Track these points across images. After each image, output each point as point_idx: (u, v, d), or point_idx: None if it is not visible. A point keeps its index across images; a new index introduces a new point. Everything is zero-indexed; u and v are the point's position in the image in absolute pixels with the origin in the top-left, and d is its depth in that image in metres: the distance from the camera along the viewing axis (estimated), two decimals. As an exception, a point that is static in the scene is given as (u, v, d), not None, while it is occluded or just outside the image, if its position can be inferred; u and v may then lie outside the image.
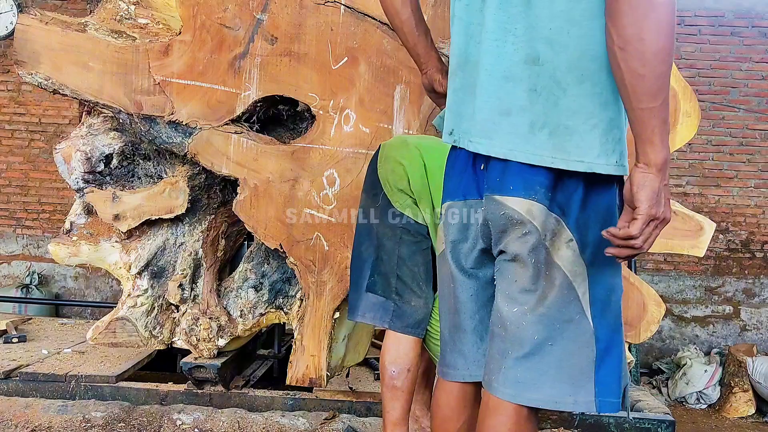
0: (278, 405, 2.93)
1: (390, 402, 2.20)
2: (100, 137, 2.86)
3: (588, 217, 1.31)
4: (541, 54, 1.25)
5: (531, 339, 1.33)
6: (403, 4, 1.56)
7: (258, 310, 2.89)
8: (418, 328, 2.20)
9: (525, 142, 1.28)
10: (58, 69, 2.67)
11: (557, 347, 1.32)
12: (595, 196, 1.30)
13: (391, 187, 2.21)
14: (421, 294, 2.20)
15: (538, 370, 1.33)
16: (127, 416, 2.75)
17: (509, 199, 1.31)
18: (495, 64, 1.30)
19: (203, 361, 2.87)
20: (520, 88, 1.27)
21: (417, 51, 1.62)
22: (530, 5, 1.25)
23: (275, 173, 2.72)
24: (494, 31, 1.30)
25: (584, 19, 1.21)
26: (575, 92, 1.24)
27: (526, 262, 1.32)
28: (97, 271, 5.84)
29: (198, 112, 2.69)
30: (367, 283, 2.23)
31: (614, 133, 1.26)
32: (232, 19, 2.68)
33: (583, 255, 1.32)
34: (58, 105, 5.92)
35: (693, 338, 5.68)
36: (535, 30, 1.25)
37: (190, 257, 2.91)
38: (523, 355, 1.33)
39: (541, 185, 1.29)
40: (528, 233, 1.31)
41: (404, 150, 2.25)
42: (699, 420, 4.63)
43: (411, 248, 2.20)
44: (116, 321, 2.86)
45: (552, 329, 1.32)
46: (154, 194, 2.82)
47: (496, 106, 1.30)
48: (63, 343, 3.66)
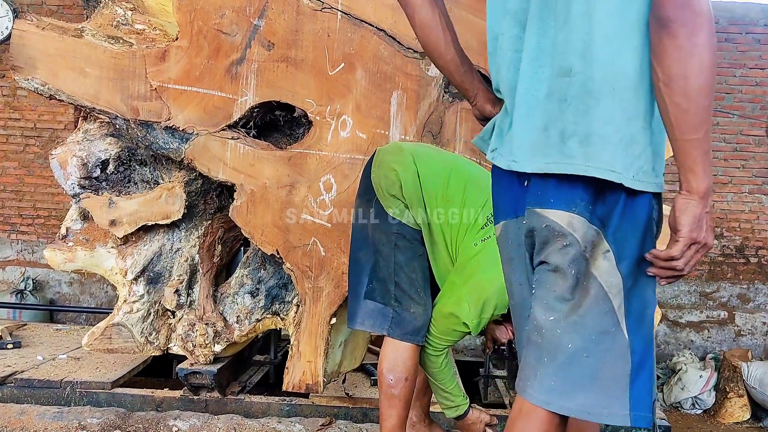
0: (275, 411, 2.92)
1: (387, 410, 2.20)
2: (96, 143, 2.86)
3: (626, 231, 1.34)
4: (573, 66, 1.30)
5: (565, 348, 1.35)
6: (447, 45, 1.61)
7: (254, 316, 2.89)
8: (417, 335, 2.19)
9: (558, 153, 1.32)
10: (55, 74, 2.67)
11: (592, 358, 1.35)
12: (632, 209, 1.34)
13: (384, 193, 2.21)
14: (420, 300, 2.20)
15: (572, 379, 1.35)
16: (123, 423, 2.73)
17: (550, 212, 1.35)
18: (532, 85, 1.37)
19: (199, 367, 2.87)
20: (553, 101, 1.33)
21: (464, 86, 1.68)
22: (567, 22, 1.31)
23: (272, 179, 2.72)
24: (533, 53, 1.37)
25: (617, 37, 1.27)
26: (607, 103, 1.29)
27: (566, 273, 1.36)
28: (92, 277, 5.81)
29: (195, 117, 2.69)
30: (366, 290, 2.22)
31: (633, 148, 1.30)
32: (229, 25, 2.68)
33: (619, 266, 1.34)
34: (54, 110, 5.90)
35: (688, 343, 5.69)
36: (569, 44, 1.31)
37: (187, 263, 2.91)
38: (558, 363, 1.36)
39: (581, 198, 1.33)
40: (569, 245, 1.34)
41: (398, 156, 2.25)
42: (694, 425, 4.63)
43: (407, 255, 2.20)
44: (112, 327, 2.85)
45: (588, 340, 1.35)
46: (150, 200, 2.81)
47: (534, 124, 1.36)
48: (58, 349, 3.65)
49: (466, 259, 2.17)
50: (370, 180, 2.26)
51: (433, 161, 2.27)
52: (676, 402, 4.93)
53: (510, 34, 1.44)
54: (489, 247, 2.13)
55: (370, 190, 2.25)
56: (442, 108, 2.74)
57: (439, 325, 2.20)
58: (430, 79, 2.72)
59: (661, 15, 1.20)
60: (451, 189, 2.20)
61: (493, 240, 2.12)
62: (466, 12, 2.69)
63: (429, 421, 2.69)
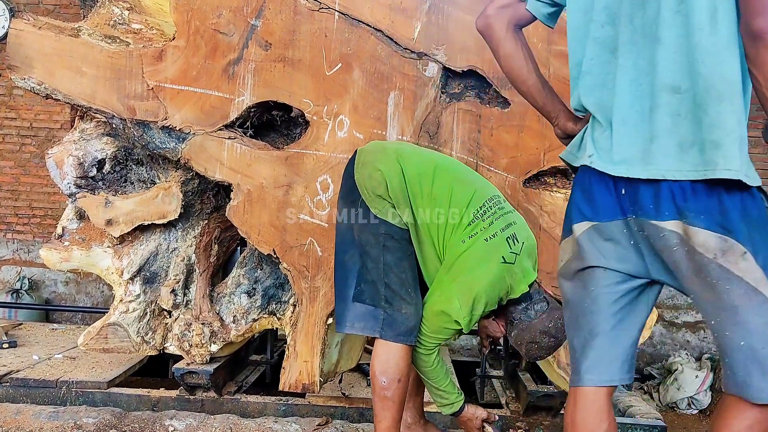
0: (271, 411, 2.92)
1: (381, 411, 2.19)
2: (92, 142, 2.85)
3: (752, 227, 1.45)
4: (681, 84, 1.45)
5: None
6: (529, 72, 1.77)
7: (251, 316, 2.89)
8: (409, 335, 2.18)
9: (677, 161, 1.45)
10: (51, 74, 2.67)
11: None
12: (751, 205, 1.46)
13: (370, 194, 2.19)
14: (411, 300, 2.18)
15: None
16: (118, 422, 2.73)
17: (667, 223, 1.47)
18: (635, 101, 1.52)
19: (195, 367, 2.87)
20: (662, 114, 1.47)
21: (547, 109, 1.83)
22: (662, 43, 1.46)
23: (269, 179, 2.72)
24: (631, 74, 1.53)
25: (716, 51, 1.41)
26: (715, 111, 1.42)
27: (705, 282, 1.46)
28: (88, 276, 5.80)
29: (191, 117, 2.69)
30: (354, 292, 2.19)
31: (743, 147, 1.43)
32: (226, 25, 2.68)
33: (758, 261, 1.45)
34: (50, 109, 5.90)
35: (684, 344, 5.71)
36: (674, 64, 1.46)
37: (183, 263, 2.90)
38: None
39: (702, 208, 1.44)
40: (689, 251, 1.46)
41: (382, 155, 2.24)
42: (690, 425, 4.64)
43: (396, 255, 2.18)
44: (108, 326, 2.85)
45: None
46: (146, 199, 2.81)
47: (642, 136, 1.50)
48: (54, 348, 3.64)
49: (454, 257, 2.16)
50: (353, 181, 2.24)
51: (417, 160, 2.27)
52: (672, 402, 4.95)
53: (599, 60, 1.59)
54: (477, 244, 2.14)
55: (354, 191, 2.23)
56: (439, 108, 2.75)
57: (430, 323, 2.20)
58: (428, 79, 2.72)
59: (754, 29, 1.34)
60: (437, 188, 2.19)
61: (480, 237, 2.14)
62: (463, 13, 2.69)
63: (424, 421, 2.69)
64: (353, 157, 2.31)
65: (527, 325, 2.21)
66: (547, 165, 2.76)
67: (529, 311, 2.22)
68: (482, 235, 2.14)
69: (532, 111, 2.73)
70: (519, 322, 2.23)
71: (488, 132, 2.72)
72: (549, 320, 2.20)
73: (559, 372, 2.80)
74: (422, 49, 2.71)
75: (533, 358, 2.30)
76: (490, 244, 2.14)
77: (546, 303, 2.24)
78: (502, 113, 2.75)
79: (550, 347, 2.24)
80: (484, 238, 2.14)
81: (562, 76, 2.72)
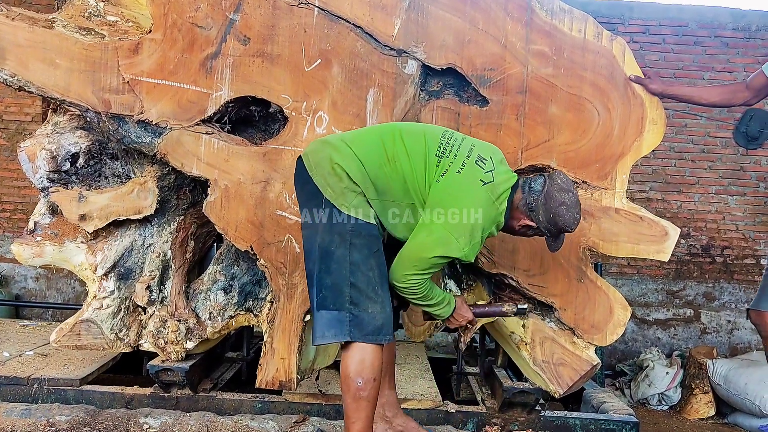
0: (247, 408, 2.90)
1: (355, 413, 2.15)
2: (66, 135, 2.80)
3: None
4: None
5: None
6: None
7: (227, 313, 2.87)
8: (379, 334, 2.15)
9: None
10: (24, 65, 2.62)
11: None
12: None
13: (334, 191, 2.15)
14: (377, 299, 2.16)
15: None
16: (92, 420, 2.70)
17: None
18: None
19: (170, 364, 2.84)
20: None
21: None
22: None
23: (246, 174, 2.70)
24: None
25: None
26: None
27: None
28: (59, 272, 5.71)
29: (168, 111, 2.66)
30: (317, 301, 2.17)
31: None
32: (204, 19, 2.66)
33: None
34: (21, 102, 5.79)
35: (655, 341, 5.80)
36: None
37: (159, 259, 2.87)
38: None
39: None
40: None
41: (330, 149, 2.20)
42: (661, 421, 4.72)
43: (363, 252, 2.16)
44: (81, 323, 2.81)
45: None
46: (121, 194, 2.77)
47: None
48: (25, 345, 3.58)
49: (434, 197, 2.18)
50: (311, 185, 2.19)
51: (361, 136, 2.28)
52: (643, 398, 5.02)
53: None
54: (451, 178, 2.16)
55: (316, 195, 2.18)
56: (418, 106, 2.75)
57: (419, 263, 2.17)
58: (407, 77, 2.72)
59: None
60: (390, 148, 2.20)
61: (451, 171, 2.16)
62: (443, 11, 2.70)
63: (402, 413, 2.70)
64: (299, 164, 2.27)
65: (543, 197, 2.21)
66: (525, 163, 2.78)
67: (534, 188, 2.23)
68: (453, 169, 2.17)
69: (511, 109, 2.76)
70: (534, 201, 2.23)
71: (467, 130, 2.73)
72: (555, 180, 2.22)
73: (534, 369, 2.83)
74: (402, 46, 2.71)
75: (572, 222, 2.24)
76: (463, 174, 2.17)
77: (540, 173, 2.28)
78: (481, 111, 2.76)
79: (575, 201, 2.23)
80: (455, 171, 2.17)
81: (540, 76, 2.74)
